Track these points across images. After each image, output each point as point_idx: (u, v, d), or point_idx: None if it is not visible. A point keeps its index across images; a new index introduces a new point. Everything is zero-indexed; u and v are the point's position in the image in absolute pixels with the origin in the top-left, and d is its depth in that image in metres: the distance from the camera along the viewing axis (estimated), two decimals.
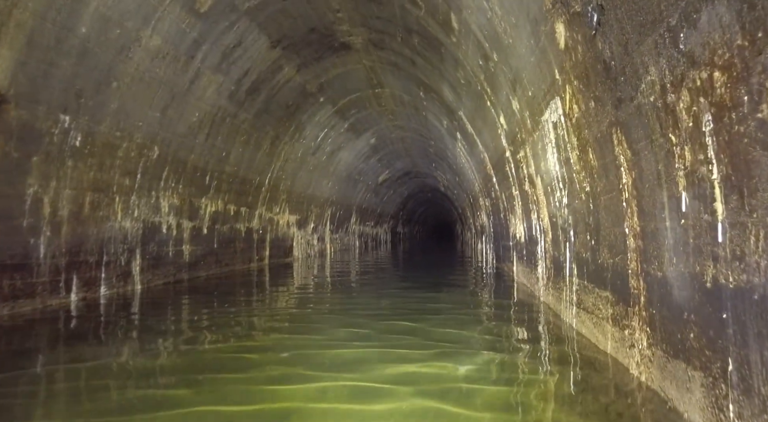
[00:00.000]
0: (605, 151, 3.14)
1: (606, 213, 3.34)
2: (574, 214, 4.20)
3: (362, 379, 3.00)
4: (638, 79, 2.48)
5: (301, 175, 13.49)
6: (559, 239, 4.93)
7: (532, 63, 4.33)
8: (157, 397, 2.80)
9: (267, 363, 3.45)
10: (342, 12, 8.16)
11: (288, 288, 7.96)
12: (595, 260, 3.71)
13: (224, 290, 7.69)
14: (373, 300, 6.44)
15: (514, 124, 6.11)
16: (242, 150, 9.72)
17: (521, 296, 6.70)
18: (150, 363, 3.53)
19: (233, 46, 7.63)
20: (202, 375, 3.14)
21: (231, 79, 8.18)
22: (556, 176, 4.59)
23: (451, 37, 6.86)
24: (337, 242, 19.30)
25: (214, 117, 8.30)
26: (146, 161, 7.03)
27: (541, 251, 6.00)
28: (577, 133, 3.64)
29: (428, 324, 4.68)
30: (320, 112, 12.14)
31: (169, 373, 3.30)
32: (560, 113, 3.97)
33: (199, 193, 8.66)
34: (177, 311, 5.71)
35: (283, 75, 9.50)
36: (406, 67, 10.05)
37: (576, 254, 4.25)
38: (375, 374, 3.10)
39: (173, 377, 3.20)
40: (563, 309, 4.83)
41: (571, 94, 3.58)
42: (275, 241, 12.68)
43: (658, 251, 2.57)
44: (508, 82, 5.57)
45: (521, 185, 6.86)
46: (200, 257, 8.94)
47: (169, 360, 3.65)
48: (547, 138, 4.62)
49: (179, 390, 2.89)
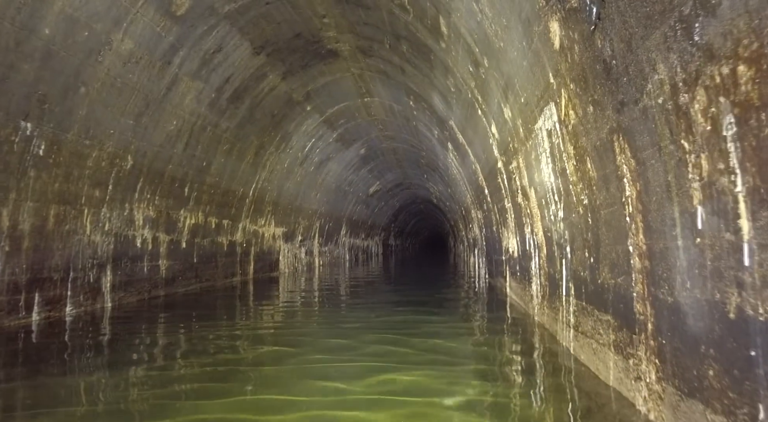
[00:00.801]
0: (605, 160, 2.84)
1: (607, 229, 3.03)
2: (571, 229, 3.89)
3: (342, 406, 2.65)
4: (644, 79, 2.18)
5: (288, 186, 13.15)
6: (554, 255, 4.61)
7: (525, 67, 4.05)
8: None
9: (241, 393, 3.09)
10: (328, 17, 7.89)
11: (271, 306, 7.58)
12: (594, 280, 3.39)
13: (202, 307, 7.30)
14: (360, 322, 6.08)
15: (506, 133, 5.82)
16: (224, 160, 9.38)
17: (515, 315, 6.36)
18: (102, 392, 3.15)
19: (213, 51, 7.32)
20: (167, 407, 2.77)
21: (211, 87, 7.86)
22: (551, 187, 4.29)
23: (440, 43, 6.60)
24: (327, 256, 18.91)
25: (193, 126, 7.96)
26: (119, 172, 6.66)
27: (535, 268, 5.68)
28: (574, 141, 3.34)
29: (416, 349, 4.33)
30: (307, 121, 11.84)
31: (125, 405, 2.93)
32: (555, 120, 3.67)
33: (177, 205, 8.29)
34: (146, 332, 5.32)
35: (268, 83, 9.20)
36: (395, 75, 9.79)
37: (573, 273, 3.94)
38: (356, 404, 2.75)
39: (129, 409, 2.83)
40: (559, 331, 4.49)
41: (566, 99, 3.28)
42: (260, 255, 12.29)
43: (668, 273, 2.25)
44: (499, 89, 5.29)
45: (514, 198, 6.56)
46: (178, 272, 8.55)
47: (126, 390, 3.27)
48: (541, 147, 4.32)
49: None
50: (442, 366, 3.72)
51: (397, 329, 5.26)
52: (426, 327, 5.43)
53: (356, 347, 4.40)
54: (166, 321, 5.98)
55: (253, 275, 11.83)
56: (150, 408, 2.88)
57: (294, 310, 7.16)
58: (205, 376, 3.51)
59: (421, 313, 6.51)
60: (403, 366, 3.66)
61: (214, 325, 5.63)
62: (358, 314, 6.51)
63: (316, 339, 4.87)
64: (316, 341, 4.79)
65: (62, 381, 3.50)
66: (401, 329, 5.26)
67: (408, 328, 5.33)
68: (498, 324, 5.92)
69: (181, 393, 3.16)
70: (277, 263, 13.58)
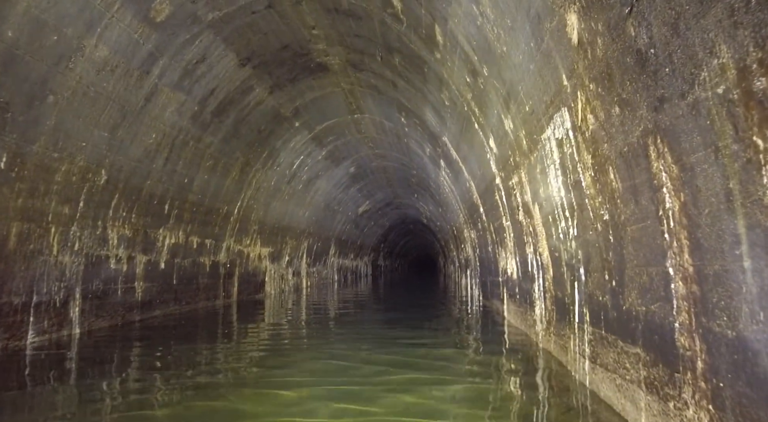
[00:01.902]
0: (635, 168, 2.47)
1: (635, 248, 2.64)
2: (586, 248, 3.50)
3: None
4: (696, 67, 1.82)
5: (275, 205, 12.70)
6: (563, 277, 4.22)
7: (532, 72, 3.71)
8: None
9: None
10: (318, 29, 7.58)
11: (254, 333, 7.07)
12: (617, 306, 2.99)
13: (181, 333, 6.77)
14: (348, 349, 5.61)
15: (506, 146, 5.48)
16: (208, 177, 8.93)
17: (514, 341, 5.93)
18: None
19: (196, 61, 6.95)
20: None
21: (194, 99, 7.47)
22: (561, 203, 3.91)
23: (435, 54, 6.29)
24: (315, 277, 18.37)
25: (174, 140, 7.54)
26: (91, 187, 6.20)
27: (538, 290, 5.28)
28: (593, 149, 2.98)
29: (405, 385, 3.88)
30: (296, 138, 11.47)
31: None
32: (568, 127, 3.32)
33: (156, 223, 7.81)
34: (114, 362, 4.81)
35: (254, 97, 8.84)
36: (387, 90, 9.48)
37: (588, 297, 3.54)
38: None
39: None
40: (571, 361, 4.07)
41: (584, 101, 2.93)
42: (245, 276, 11.77)
43: (727, 301, 1.86)
44: (500, 99, 4.95)
45: (513, 215, 6.19)
46: (156, 294, 8.02)
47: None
48: (549, 159, 3.96)
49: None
50: (438, 409, 3.28)
51: (386, 360, 4.81)
52: (416, 360, 4.98)
53: (326, 402, 3.94)
54: (138, 350, 5.46)
55: (237, 297, 11.29)
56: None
57: (279, 339, 6.67)
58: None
59: (411, 341, 6.05)
60: (392, 409, 3.21)
61: (190, 358, 5.14)
62: (346, 345, 6.05)
63: (303, 380, 4.40)
64: (303, 381, 4.32)
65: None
66: (393, 357, 4.81)
67: (398, 360, 4.87)
68: (497, 350, 5.49)
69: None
70: (263, 284, 13.04)
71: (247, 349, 5.59)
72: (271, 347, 5.82)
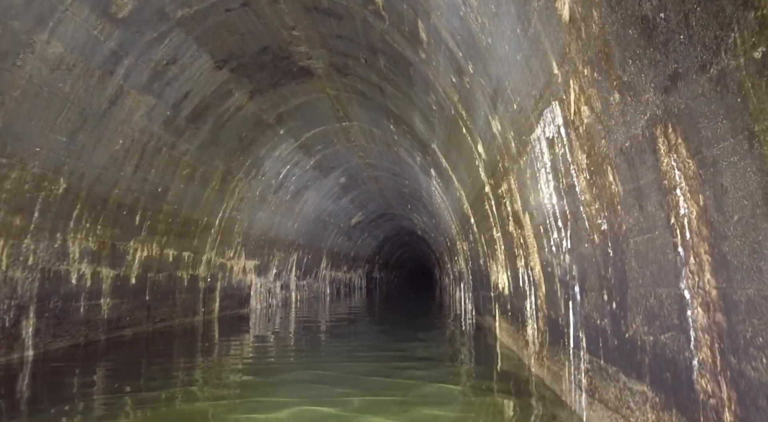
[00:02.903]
0: (639, 167, 2.02)
1: (640, 264, 2.19)
2: (581, 263, 3.04)
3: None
4: (722, 27, 1.38)
5: (261, 216, 12.23)
6: (556, 295, 3.76)
7: (519, 62, 3.28)
8: None
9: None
10: (298, 30, 7.18)
11: (235, 351, 6.56)
12: (618, 333, 2.52)
13: (151, 354, 6.27)
14: (333, 371, 5.13)
15: (494, 151, 5.04)
16: (184, 186, 8.47)
17: (506, 365, 5.44)
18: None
19: (166, 62, 6.52)
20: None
21: (166, 103, 7.03)
22: (552, 211, 3.46)
23: (419, 53, 5.88)
24: (305, 290, 17.84)
25: (145, 146, 7.08)
26: (48, 196, 5.73)
27: (530, 308, 4.81)
28: (588, 147, 2.53)
29: (390, 416, 3.41)
30: (281, 146, 11.03)
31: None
32: (559, 123, 2.88)
33: (125, 235, 7.33)
34: (64, 391, 4.31)
35: (234, 102, 8.41)
36: (373, 96, 9.08)
37: (585, 320, 3.07)
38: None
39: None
40: (566, 391, 3.59)
41: (577, 91, 2.49)
42: (228, 290, 11.25)
43: (767, 337, 1.40)
44: (486, 99, 4.52)
45: (504, 226, 5.74)
46: (125, 311, 7.51)
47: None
48: (539, 162, 3.52)
49: None
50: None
51: (374, 385, 4.32)
52: (406, 380, 4.49)
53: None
54: (96, 374, 4.96)
55: (218, 313, 10.76)
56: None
57: (262, 361, 6.17)
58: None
59: (400, 364, 5.57)
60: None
61: (155, 386, 4.64)
62: (332, 372, 5.56)
63: (289, 408, 3.91)
64: (286, 411, 3.83)
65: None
66: (382, 382, 4.32)
67: (385, 385, 4.39)
68: (487, 376, 5.00)
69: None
70: (248, 298, 12.52)
71: (224, 373, 5.09)
72: (252, 370, 5.31)
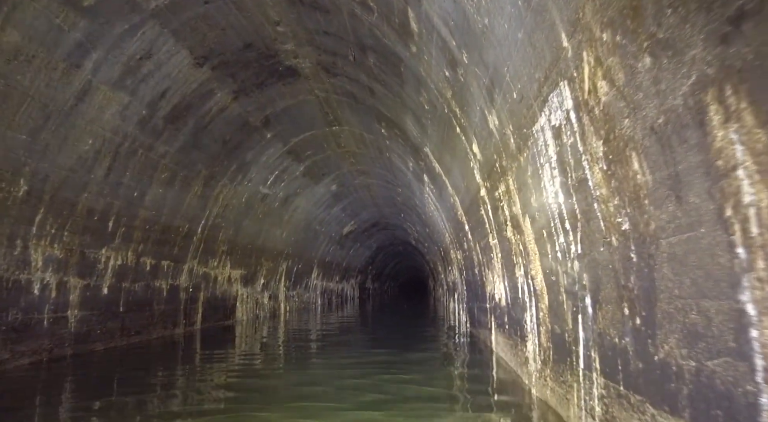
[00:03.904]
0: (678, 148, 1.61)
1: (676, 270, 1.76)
2: (594, 270, 2.62)
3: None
4: None
5: (247, 223, 11.76)
6: (562, 307, 3.33)
7: (520, 42, 2.88)
8: None
9: None
10: (283, 25, 6.79)
11: (216, 366, 6.08)
12: (644, 354, 2.09)
13: (124, 370, 5.77)
14: (322, 388, 4.66)
15: (490, 149, 4.63)
16: (163, 191, 8.01)
17: (503, 382, 4.99)
18: None
19: (140, 57, 6.10)
20: None
21: (141, 101, 6.60)
22: (559, 212, 3.05)
23: (410, 47, 5.49)
24: (295, 300, 17.31)
25: (118, 147, 6.64)
26: (5, 199, 5.26)
27: (531, 322, 4.37)
28: (606, 130, 2.12)
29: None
30: (268, 151, 10.60)
31: None
32: (568, 107, 2.47)
33: (96, 242, 6.85)
34: (19, 411, 3.82)
35: (216, 102, 7.99)
36: (364, 98, 8.69)
37: (599, 337, 2.64)
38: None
39: None
40: (574, 418, 3.15)
41: (593, 63, 2.08)
42: (212, 301, 10.74)
43: None
44: (482, 91, 4.12)
45: (501, 232, 5.32)
46: (96, 324, 7.00)
47: None
48: (543, 156, 3.11)
49: None
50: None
51: (361, 408, 3.86)
52: (394, 401, 4.03)
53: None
54: (55, 395, 4.46)
55: (201, 324, 10.25)
56: None
57: (244, 379, 5.69)
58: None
59: (394, 386, 5.11)
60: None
61: (125, 411, 4.15)
62: (319, 387, 5.10)
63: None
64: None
65: None
66: (368, 401, 3.87)
67: (370, 403, 3.93)
68: (484, 393, 4.54)
69: None
70: (234, 309, 12.01)
71: (204, 391, 4.61)
72: (234, 388, 4.84)
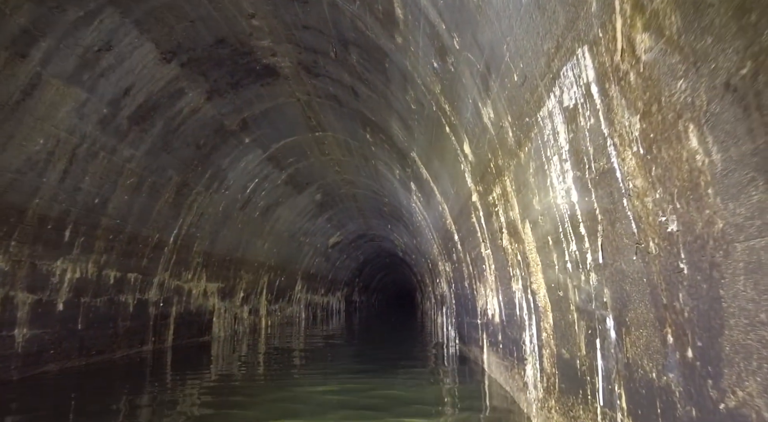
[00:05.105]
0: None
1: (759, 285, 1.25)
2: (619, 284, 2.10)
3: None
4: None
5: (225, 234, 11.14)
6: (572, 328, 2.80)
7: (524, 8, 2.39)
8: None
9: None
10: (258, 19, 6.28)
11: (191, 385, 5.45)
12: (700, 399, 1.57)
13: (78, 395, 5.12)
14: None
15: (484, 148, 4.14)
16: (129, 198, 7.40)
17: (497, 410, 4.45)
18: None
19: (98, 49, 5.55)
20: None
21: (101, 98, 6.03)
22: (570, 213, 2.54)
23: (395, 38, 5.01)
24: (277, 315, 16.62)
25: (75, 149, 6.04)
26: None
27: (531, 343, 3.84)
28: (646, 99, 1.62)
29: None
30: (247, 157, 10.04)
31: None
32: (588, 80, 1.97)
33: (50, 253, 6.22)
34: None
35: (188, 103, 7.44)
36: (347, 100, 8.19)
37: (626, 368, 2.12)
38: None
39: None
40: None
41: (629, 11, 1.59)
42: (185, 316, 10.07)
43: None
44: (476, 80, 3.64)
45: (495, 240, 4.81)
46: (49, 344, 6.34)
47: None
48: (551, 148, 2.61)
49: None
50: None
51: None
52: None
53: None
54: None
55: (173, 342, 9.57)
56: None
57: (218, 408, 5.07)
58: None
59: (376, 404, 4.54)
60: None
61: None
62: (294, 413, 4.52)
63: None
64: None
65: None
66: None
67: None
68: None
69: None
70: (210, 325, 11.33)
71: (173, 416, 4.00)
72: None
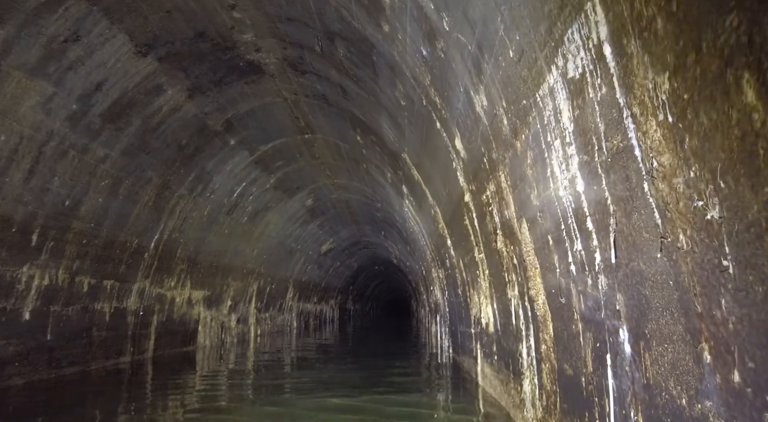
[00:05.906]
0: None
1: None
2: (636, 288, 1.75)
3: None
4: None
5: (211, 239, 10.74)
6: (576, 339, 2.44)
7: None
8: None
9: None
10: (239, 10, 5.94)
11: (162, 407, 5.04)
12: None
13: (44, 412, 4.70)
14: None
15: (477, 141, 3.79)
16: (104, 201, 7.01)
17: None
18: None
19: (65, 39, 5.19)
20: None
21: (70, 93, 5.66)
22: (575, 206, 2.18)
23: (382, 26, 4.68)
24: (267, 323, 16.17)
25: (41, 147, 5.67)
26: None
27: (528, 355, 3.47)
28: (679, 50, 1.27)
29: None
30: (233, 159, 9.66)
31: None
32: (601, 39, 1.62)
33: (15, 258, 5.81)
34: None
35: (167, 101, 7.07)
36: (336, 99, 7.85)
37: (646, 390, 1.75)
38: None
39: None
40: None
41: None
42: (167, 325, 9.64)
43: None
44: (467, 64, 3.29)
45: (488, 244, 4.45)
46: (14, 356, 5.92)
47: None
48: (552, 131, 2.26)
49: None
50: None
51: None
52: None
53: None
54: None
55: (154, 352, 9.13)
56: None
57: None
58: None
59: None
60: None
61: None
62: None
63: None
64: None
65: None
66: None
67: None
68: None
69: None
70: (195, 334, 10.89)
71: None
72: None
